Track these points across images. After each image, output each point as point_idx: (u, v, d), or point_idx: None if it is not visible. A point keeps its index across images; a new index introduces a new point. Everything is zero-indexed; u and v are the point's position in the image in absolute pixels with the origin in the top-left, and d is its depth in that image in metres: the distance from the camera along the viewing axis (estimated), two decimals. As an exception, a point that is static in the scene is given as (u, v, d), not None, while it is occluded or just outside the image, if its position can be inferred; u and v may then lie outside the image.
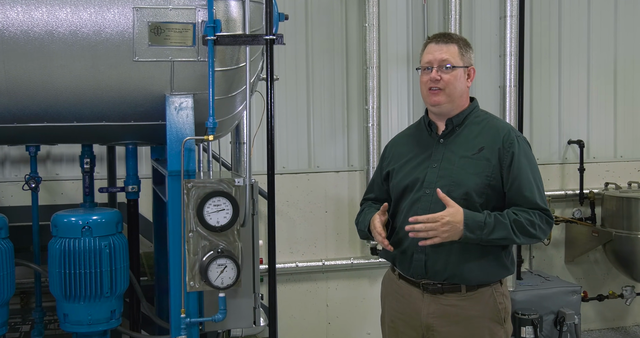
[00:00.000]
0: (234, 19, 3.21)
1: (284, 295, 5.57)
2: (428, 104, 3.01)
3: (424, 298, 2.94)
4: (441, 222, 2.72)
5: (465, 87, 3.00)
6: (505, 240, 2.79)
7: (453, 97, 2.94)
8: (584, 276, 6.41)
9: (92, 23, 3.11)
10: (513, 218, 2.78)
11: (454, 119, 2.98)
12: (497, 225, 2.76)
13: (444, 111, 2.97)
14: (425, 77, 2.96)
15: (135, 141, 3.87)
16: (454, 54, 2.95)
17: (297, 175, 5.65)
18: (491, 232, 2.75)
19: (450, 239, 2.75)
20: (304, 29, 5.62)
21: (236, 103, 3.49)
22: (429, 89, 2.95)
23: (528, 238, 2.82)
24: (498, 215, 2.78)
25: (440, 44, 2.96)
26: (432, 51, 2.96)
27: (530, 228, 2.79)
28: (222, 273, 3.04)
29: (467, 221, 2.74)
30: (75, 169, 4.92)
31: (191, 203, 3.02)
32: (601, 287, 6.39)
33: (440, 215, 2.73)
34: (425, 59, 2.98)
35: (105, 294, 3.44)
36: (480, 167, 2.86)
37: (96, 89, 3.19)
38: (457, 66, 2.93)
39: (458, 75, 2.94)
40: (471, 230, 2.74)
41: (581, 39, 6.27)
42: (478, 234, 2.74)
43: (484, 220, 2.76)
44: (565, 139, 6.29)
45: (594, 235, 6.03)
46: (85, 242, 3.39)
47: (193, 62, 3.23)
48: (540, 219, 2.82)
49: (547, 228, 2.85)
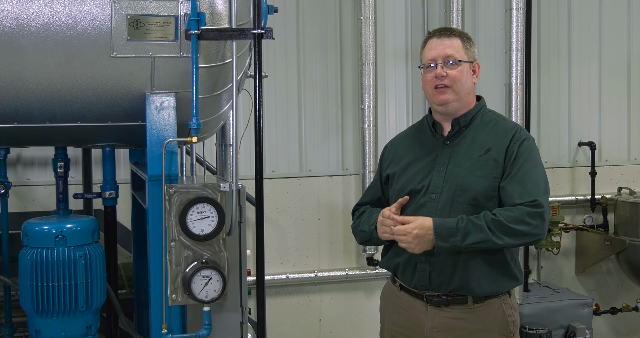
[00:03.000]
0: (219, 11, 3.21)
1: (273, 309, 5.56)
2: (434, 104, 3.01)
3: (427, 311, 2.95)
4: (410, 236, 2.77)
5: (472, 84, 3.01)
6: (485, 243, 2.74)
7: (460, 95, 2.95)
8: (596, 288, 6.43)
9: (67, 16, 3.10)
10: (490, 218, 2.75)
11: (460, 119, 2.99)
12: (471, 228, 2.74)
13: (451, 110, 2.98)
14: (429, 75, 2.97)
15: (113, 143, 3.86)
16: (458, 49, 2.96)
17: (287, 180, 5.65)
18: (465, 237, 2.74)
19: (423, 249, 2.79)
20: (295, 23, 5.62)
21: (222, 102, 3.49)
22: (435, 88, 2.95)
23: (516, 237, 2.75)
24: (473, 218, 2.77)
25: (442, 39, 2.97)
26: (435, 47, 2.97)
27: (514, 225, 2.73)
28: (207, 286, 3.03)
29: (437, 229, 2.75)
30: (48, 174, 4.91)
31: (173, 210, 3.01)
32: (614, 300, 6.41)
33: (408, 227, 2.78)
34: (428, 56, 2.98)
35: (80, 308, 3.43)
36: (487, 169, 2.87)
37: (70, 88, 3.19)
38: (463, 60, 2.94)
39: (464, 70, 2.95)
40: (443, 239, 2.74)
41: (592, 33, 6.30)
42: (452, 241, 2.74)
43: (455, 225, 2.75)
44: (575, 141, 6.31)
45: (607, 243, 6.05)
46: (59, 252, 3.38)
47: (175, 58, 3.22)
48: (526, 213, 2.74)
49: (540, 222, 2.77)
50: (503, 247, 2.82)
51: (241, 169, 5.10)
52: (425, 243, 2.76)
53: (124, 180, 4.72)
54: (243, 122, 4.37)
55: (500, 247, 2.80)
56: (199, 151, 4.65)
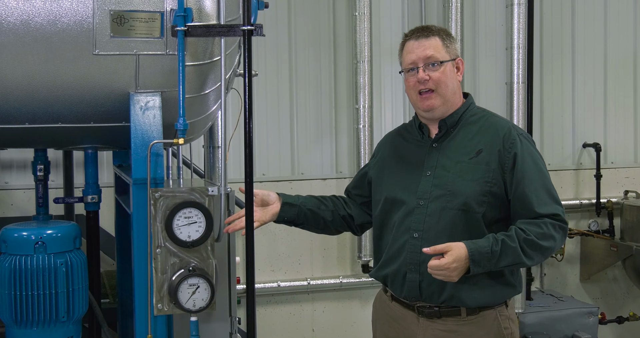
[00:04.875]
0: (207, 7, 3.21)
1: (264, 319, 5.56)
2: (420, 110, 3.01)
3: (419, 323, 2.94)
4: (449, 269, 2.72)
5: (457, 83, 3.01)
6: (516, 265, 2.79)
7: (446, 97, 2.95)
8: (602, 296, 6.45)
9: (47, 12, 3.10)
10: (523, 237, 2.76)
11: (447, 120, 2.98)
12: (505, 251, 2.74)
13: (437, 115, 2.98)
14: (411, 80, 2.97)
15: (96, 145, 3.86)
16: (438, 48, 2.95)
17: (278, 183, 5.66)
18: (499, 261, 2.75)
19: (459, 275, 2.76)
20: (287, 19, 5.63)
21: (210, 102, 3.49)
22: (419, 93, 2.95)
23: (543, 254, 2.81)
24: (506, 239, 2.76)
25: (420, 40, 2.96)
26: (413, 49, 2.96)
27: (543, 241, 2.77)
28: (194, 295, 3.03)
29: (473, 256, 2.73)
30: (27, 177, 4.90)
31: (159, 215, 3.01)
32: (621, 308, 6.42)
33: (445, 262, 2.71)
34: (408, 60, 2.98)
35: (61, 318, 3.43)
36: (478, 172, 2.86)
37: (51, 87, 3.18)
38: (445, 60, 2.94)
39: (447, 71, 2.95)
40: (478, 264, 2.73)
41: (597, 30, 6.33)
42: (486, 266, 2.74)
43: (490, 249, 2.74)
44: (579, 142, 6.33)
45: (613, 249, 6.07)
46: (39, 260, 3.38)
47: (161, 56, 3.22)
48: (553, 227, 2.79)
49: (563, 235, 2.83)
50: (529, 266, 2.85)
51: (230, 172, 5.11)
52: (460, 270, 2.73)
53: (107, 184, 4.72)
54: (232, 123, 4.37)
55: (527, 267, 2.84)
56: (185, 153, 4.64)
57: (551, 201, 2.84)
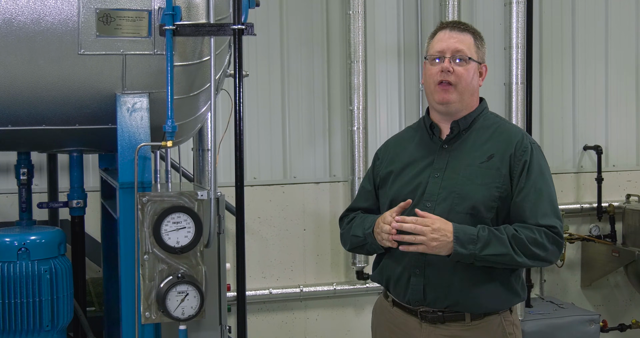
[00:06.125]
0: (196, 5, 3.22)
1: (255, 327, 5.56)
2: (434, 102, 3.00)
3: (422, 329, 2.95)
4: (432, 227, 2.73)
5: (477, 86, 3.02)
6: (503, 257, 2.76)
7: (464, 96, 2.96)
8: (603, 303, 6.46)
9: (30, 10, 3.10)
10: (512, 233, 2.77)
11: (460, 122, 2.99)
12: (492, 239, 2.75)
13: (451, 111, 2.98)
14: (434, 69, 2.96)
15: (81, 148, 3.86)
16: (470, 45, 2.97)
17: (270, 187, 5.66)
18: (485, 247, 2.74)
19: (437, 251, 2.75)
20: (278, 17, 5.64)
21: (199, 103, 3.49)
22: (439, 84, 2.95)
23: (533, 260, 2.80)
24: (494, 229, 2.78)
25: (454, 32, 2.98)
26: (445, 39, 2.97)
27: (534, 247, 2.77)
28: (183, 302, 3.03)
29: (457, 233, 2.74)
30: (9, 181, 4.89)
31: (146, 220, 3.01)
32: (623, 315, 6.44)
33: (431, 218, 2.74)
34: (437, 47, 2.98)
35: (45, 328, 3.42)
36: (489, 177, 2.88)
37: (35, 87, 3.18)
38: (473, 59, 2.95)
39: (472, 70, 2.96)
40: (462, 244, 2.73)
41: (598, 28, 6.35)
42: (471, 249, 2.73)
43: (476, 232, 2.75)
44: (580, 145, 6.35)
45: (615, 255, 6.08)
46: (22, 267, 3.37)
47: (148, 56, 3.22)
48: (547, 238, 2.80)
49: (556, 249, 2.83)
50: (518, 266, 2.84)
51: (220, 176, 5.11)
52: (442, 245, 2.73)
53: (92, 188, 4.71)
54: (222, 125, 4.37)
55: (516, 266, 2.82)
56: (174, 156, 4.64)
57: (551, 213, 2.85)
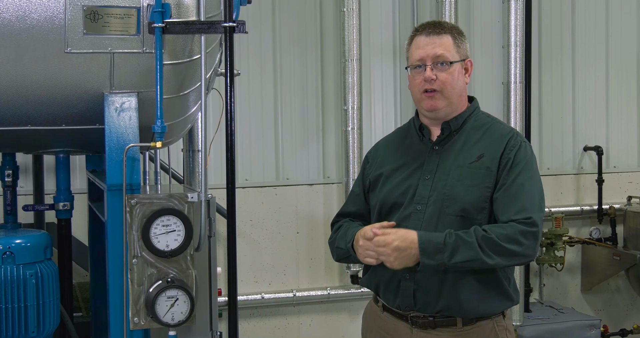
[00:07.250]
0: (186, 2, 3.21)
1: (247, 333, 5.56)
2: (422, 110, 3.02)
3: (412, 334, 2.96)
4: (389, 247, 2.75)
5: (464, 85, 3.02)
6: (473, 262, 2.75)
7: (451, 100, 2.96)
8: (604, 308, 6.48)
9: (15, 7, 3.09)
10: (481, 234, 2.76)
11: (451, 123, 2.99)
12: (460, 245, 2.74)
13: (440, 116, 2.99)
14: (417, 78, 2.96)
15: (68, 149, 3.86)
16: (449, 47, 2.97)
17: (262, 189, 5.66)
18: (453, 254, 2.73)
19: (405, 265, 2.77)
20: (271, 15, 5.64)
21: (189, 103, 3.49)
22: (424, 92, 2.96)
23: (508, 257, 2.77)
24: (462, 233, 2.77)
25: (431, 37, 2.97)
26: (423, 46, 2.97)
27: (506, 244, 2.74)
28: (173, 307, 3.03)
29: (422, 244, 2.74)
30: (-6, 183, 4.89)
31: (135, 223, 3.01)
32: (624, 320, 6.45)
33: (388, 238, 2.75)
34: (416, 56, 2.98)
35: (31, 333, 3.42)
36: (479, 177, 2.88)
37: (20, 87, 3.18)
38: (454, 60, 2.95)
39: (455, 72, 2.96)
40: (429, 255, 2.73)
41: (599, 27, 6.36)
42: (438, 259, 2.73)
43: (443, 240, 2.75)
44: (580, 145, 6.36)
45: (615, 258, 6.09)
46: (7, 271, 3.37)
47: (137, 55, 3.22)
48: (520, 232, 2.76)
49: (533, 243, 2.78)
50: (492, 267, 2.83)
51: (211, 178, 5.10)
52: (407, 258, 2.75)
53: (79, 190, 4.70)
54: (213, 126, 4.37)
55: (490, 267, 2.81)
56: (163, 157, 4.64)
57: (530, 207, 2.82)
